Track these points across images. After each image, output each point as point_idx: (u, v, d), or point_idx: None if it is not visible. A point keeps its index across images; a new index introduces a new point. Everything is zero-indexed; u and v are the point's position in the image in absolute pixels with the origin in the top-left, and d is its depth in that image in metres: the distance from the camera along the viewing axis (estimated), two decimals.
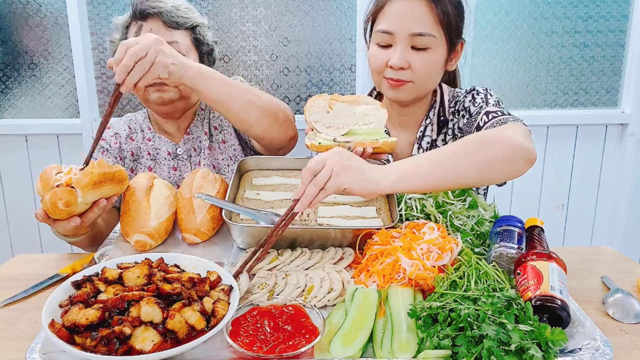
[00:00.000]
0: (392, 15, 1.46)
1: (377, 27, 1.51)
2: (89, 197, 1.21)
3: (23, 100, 2.57)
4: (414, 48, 1.46)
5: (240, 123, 1.51)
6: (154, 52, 1.27)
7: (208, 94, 1.41)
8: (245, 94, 1.48)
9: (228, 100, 1.44)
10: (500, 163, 1.18)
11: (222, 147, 1.80)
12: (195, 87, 1.39)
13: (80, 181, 1.18)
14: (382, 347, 0.91)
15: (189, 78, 1.37)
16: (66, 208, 1.17)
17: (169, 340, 0.86)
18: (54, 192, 1.16)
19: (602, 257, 1.41)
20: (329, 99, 1.43)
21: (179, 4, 1.70)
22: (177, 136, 1.82)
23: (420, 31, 1.44)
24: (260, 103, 1.51)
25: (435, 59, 1.48)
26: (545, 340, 0.88)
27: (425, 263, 1.05)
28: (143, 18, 1.66)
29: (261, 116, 1.50)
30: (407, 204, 1.31)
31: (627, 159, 2.71)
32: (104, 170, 1.23)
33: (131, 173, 1.79)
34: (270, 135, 1.55)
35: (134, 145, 1.80)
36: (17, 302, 1.16)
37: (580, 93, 2.67)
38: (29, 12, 2.45)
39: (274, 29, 2.49)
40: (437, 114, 1.62)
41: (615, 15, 2.56)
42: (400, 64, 1.46)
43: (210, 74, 1.42)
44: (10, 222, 2.72)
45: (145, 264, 1.03)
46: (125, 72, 1.25)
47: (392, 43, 1.48)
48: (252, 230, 1.24)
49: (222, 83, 1.44)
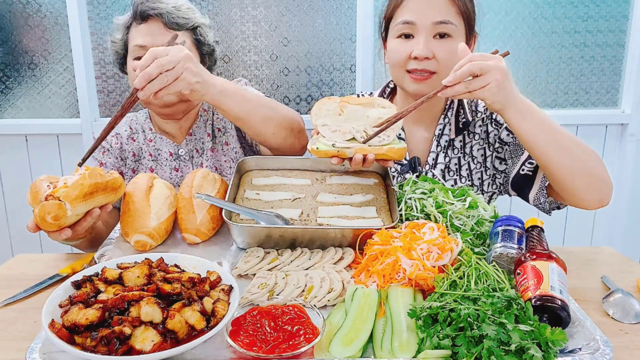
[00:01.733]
0: (414, 7, 1.48)
1: (398, 19, 1.51)
2: (79, 209, 1.19)
3: (23, 100, 2.57)
4: (436, 38, 1.48)
5: (258, 137, 1.53)
6: (181, 68, 1.26)
7: (229, 110, 1.42)
8: (263, 109, 1.49)
9: (248, 116, 1.45)
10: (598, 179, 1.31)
11: (225, 149, 1.81)
12: (218, 105, 1.40)
13: (69, 194, 1.16)
14: (382, 347, 0.91)
15: (212, 96, 1.36)
16: (55, 222, 1.15)
17: (169, 340, 0.86)
18: (42, 205, 1.14)
19: (602, 257, 1.41)
20: (340, 102, 1.40)
21: (179, 5, 1.69)
22: (179, 137, 1.82)
23: (443, 19, 1.46)
24: (278, 117, 1.52)
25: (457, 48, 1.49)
26: (545, 340, 0.88)
27: (425, 263, 1.05)
28: (144, 19, 1.65)
29: (278, 130, 1.52)
30: (407, 204, 1.31)
31: (627, 159, 2.72)
32: (96, 181, 1.20)
33: (132, 174, 1.79)
34: (285, 145, 1.57)
35: (135, 146, 1.80)
36: (17, 302, 1.16)
37: (580, 93, 2.67)
38: (29, 12, 2.45)
39: (274, 29, 2.49)
40: (455, 115, 1.63)
41: (615, 15, 2.56)
42: (425, 54, 1.46)
43: (232, 92, 1.41)
44: (10, 222, 2.72)
45: (145, 264, 1.03)
46: (148, 79, 1.24)
47: (414, 33, 1.49)
48: (252, 230, 1.24)
49: (243, 100, 1.44)
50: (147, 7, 1.64)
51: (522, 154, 1.52)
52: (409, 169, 1.62)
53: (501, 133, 1.58)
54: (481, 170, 1.63)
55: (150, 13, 1.64)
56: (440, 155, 1.62)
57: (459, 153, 1.63)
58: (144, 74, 1.23)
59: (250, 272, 1.16)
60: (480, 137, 1.62)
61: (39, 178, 1.22)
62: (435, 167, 1.62)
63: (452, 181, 1.62)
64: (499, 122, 1.60)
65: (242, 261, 1.20)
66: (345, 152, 1.30)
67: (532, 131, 1.27)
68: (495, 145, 1.61)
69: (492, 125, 1.61)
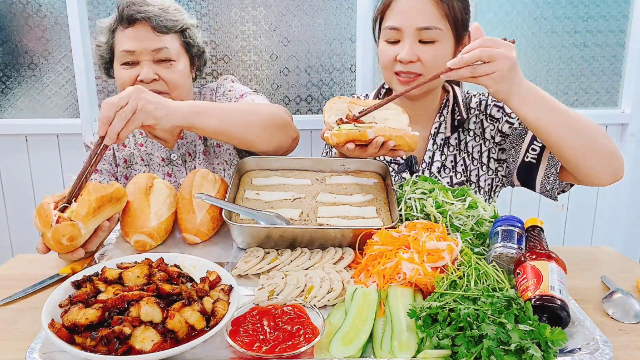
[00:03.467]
0: (399, 11, 1.49)
1: (385, 24, 1.54)
2: (90, 225, 1.18)
3: (23, 100, 2.57)
4: (422, 42, 1.49)
5: (243, 144, 1.50)
6: (135, 100, 1.23)
7: (206, 128, 1.38)
8: (240, 114, 1.46)
9: (227, 127, 1.41)
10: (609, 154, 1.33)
11: (217, 151, 1.79)
12: (192, 125, 1.35)
13: (79, 213, 1.15)
14: (382, 347, 0.91)
15: (182, 119, 1.32)
16: (70, 243, 1.14)
17: (169, 340, 0.87)
18: (55, 229, 1.13)
19: (602, 257, 1.41)
20: (349, 102, 1.43)
21: (166, 6, 1.65)
22: (171, 141, 1.78)
23: (427, 25, 1.46)
24: (258, 119, 1.49)
25: (444, 51, 1.50)
26: (545, 340, 0.88)
27: (426, 268, 1.05)
28: (130, 23, 1.61)
29: (262, 131, 1.48)
30: (407, 204, 1.31)
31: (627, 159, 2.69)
32: (101, 194, 1.20)
33: (125, 180, 1.76)
34: (274, 144, 1.54)
35: (126, 152, 1.77)
36: (17, 302, 1.16)
37: (580, 93, 2.67)
38: (29, 12, 2.45)
39: (274, 29, 2.49)
40: (450, 112, 1.64)
41: (615, 15, 2.56)
42: (409, 58, 1.48)
43: (204, 108, 1.38)
44: (10, 222, 2.72)
45: (145, 264, 1.03)
46: (107, 123, 1.21)
47: (400, 38, 1.50)
48: (252, 230, 1.24)
49: (217, 112, 1.40)
50: (134, 11, 1.59)
51: (523, 142, 1.53)
52: (405, 168, 1.63)
53: (503, 126, 1.59)
54: (477, 167, 1.63)
55: (137, 17, 1.59)
56: (436, 154, 1.63)
57: (454, 150, 1.64)
58: (102, 118, 1.21)
59: (250, 272, 1.17)
60: (475, 134, 1.63)
61: (45, 200, 1.19)
62: (431, 165, 1.62)
63: (447, 178, 1.63)
64: (494, 117, 1.61)
65: (242, 261, 1.20)
66: (366, 133, 1.32)
67: (538, 116, 1.28)
68: (495, 139, 1.62)
69: (488, 121, 1.62)
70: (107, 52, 1.69)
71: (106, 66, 1.74)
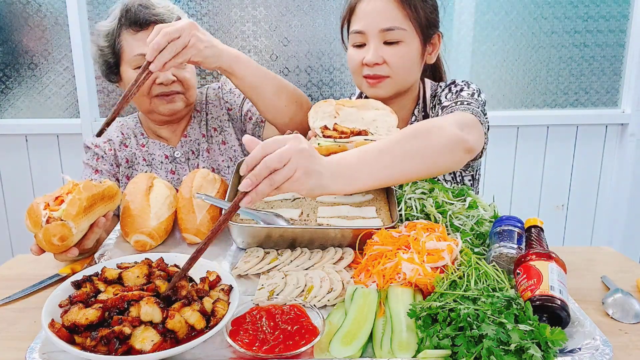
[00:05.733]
0: (362, 15, 1.51)
1: (351, 28, 1.56)
2: (82, 224, 1.17)
3: (23, 100, 2.58)
4: (387, 43, 1.50)
5: (271, 109, 1.53)
6: (188, 35, 1.28)
7: (244, 77, 1.43)
8: (275, 79, 1.51)
9: (262, 84, 1.46)
10: (440, 154, 1.16)
11: (222, 148, 1.79)
12: (232, 72, 1.41)
13: (69, 212, 1.14)
14: (382, 347, 0.91)
15: (226, 62, 1.38)
16: (62, 243, 1.14)
17: (169, 340, 0.86)
18: (45, 229, 1.12)
19: (602, 257, 1.41)
20: (336, 104, 1.43)
21: (166, 4, 1.63)
22: (174, 140, 1.78)
23: (389, 25, 1.48)
24: (289, 88, 1.54)
25: (409, 52, 1.51)
26: (545, 340, 0.88)
27: (426, 268, 1.05)
28: (142, 27, 1.58)
29: (290, 102, 1.53)
30: (407, 204, 1.31)
31: (627, 159, 2.72)
32: (92, 193, 1.19)
33: (127, 180, 1.76)
34: (295, 122, 1.57)
35: (128, 152, 1.76)
36: (17, 302, 1.16)
37: (580, 93, 2.67)
38: (29, 12, 2.45)
39: (274, 29, 2.49)
40: (420, 111, 1.65)
41: (615, 15, 2.56)
42: (374, 60, 1.49)
43: (245, 59, 1.44)
44: (10, 222, 2.72)
45: (145, 263, 1.03)
46: (157, 49, 1.25)
47: (365, 42, 1.52)
48: (252, 230, 1.24)
49: (257, 68, 1.46)
50: (147, 14, 1.57)
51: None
52: None
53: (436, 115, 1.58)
54: None
55: (151, 20, 1.57)
56: None
57: None
58: (154, 44, 1.25)
59: (250, 272, 1.17)
60: None
61: (35, 201, 1.18)
62: None
63: None
64: (435, 106, 1.62)
65: (242, 261, 1.20)
66: (346, 147, 1.32)
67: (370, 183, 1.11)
68: None
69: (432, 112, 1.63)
70: (112, 57, 1.64)
71: (111, 71, 1.68)
